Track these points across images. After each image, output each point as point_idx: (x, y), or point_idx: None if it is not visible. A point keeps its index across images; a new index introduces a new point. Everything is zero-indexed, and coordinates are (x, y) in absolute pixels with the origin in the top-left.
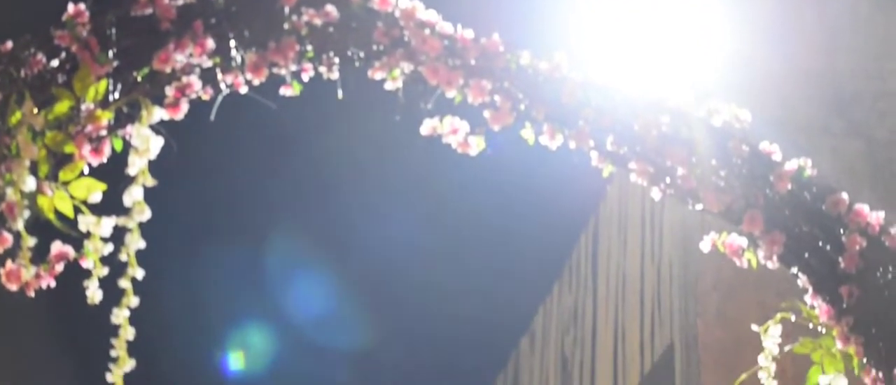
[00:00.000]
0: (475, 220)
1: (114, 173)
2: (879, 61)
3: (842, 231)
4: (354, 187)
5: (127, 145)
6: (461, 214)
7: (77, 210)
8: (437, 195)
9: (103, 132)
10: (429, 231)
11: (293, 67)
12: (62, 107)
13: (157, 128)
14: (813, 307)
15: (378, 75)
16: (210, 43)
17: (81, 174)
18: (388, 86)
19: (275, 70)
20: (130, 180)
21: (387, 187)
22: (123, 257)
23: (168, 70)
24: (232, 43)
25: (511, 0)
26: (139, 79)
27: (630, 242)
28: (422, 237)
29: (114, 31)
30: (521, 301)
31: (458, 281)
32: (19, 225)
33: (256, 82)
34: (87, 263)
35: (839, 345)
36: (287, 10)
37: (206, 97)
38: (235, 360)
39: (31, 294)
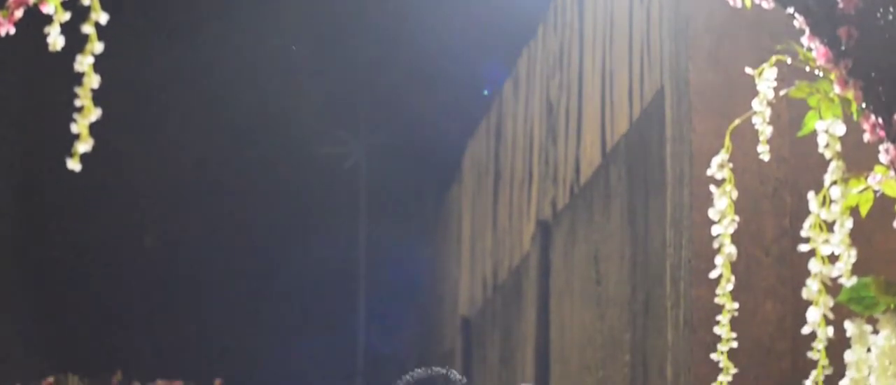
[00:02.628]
0: None
1: None
2: None
3: None
4: None
5: None
6: None
7: None
8: None
9: None
10: None
11: None
12: None
13: None
14: (809, 49)
15: None
16: None
17: None
18: None
19: None
20: None
21: None
22: (86, 1)
23: None
24: None
25: None
26: None
27: None
28: None
29: None
30: (504, 44)
31: (437, 24)
32: None
33: None
34: (47, 8)
35: (837, 89)
36: None
37: None
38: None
39: None
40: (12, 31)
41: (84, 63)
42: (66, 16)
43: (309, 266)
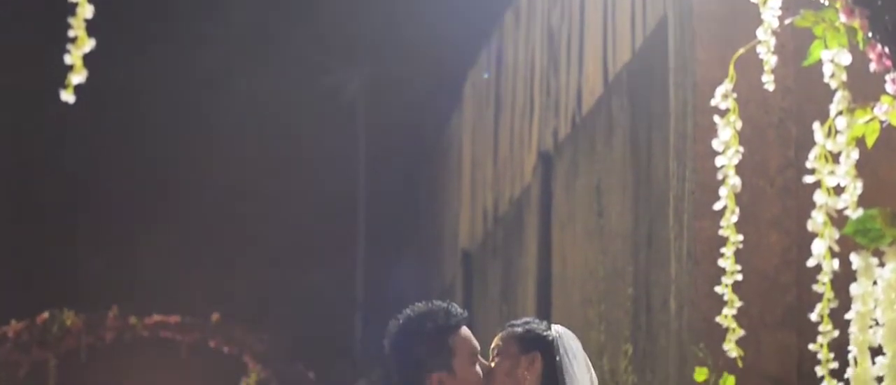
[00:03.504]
0: None
1: None
2: None
3: None
4: None
5: None
6: None
7: None
8: None
9: None
10: None
11: None
12: None
13: None
14: None
15: None
16: None
17: None
18: None
19: None
20: None
21: None
22: None
23: None
24: None
25: None
26: None
27: None
28: None
29: None
30: None
31: None
32: None
33: None
34: None
35: (843, 17)
36: None
37: None
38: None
39: None
40: None
41: None
42: None
43: (307, 198)
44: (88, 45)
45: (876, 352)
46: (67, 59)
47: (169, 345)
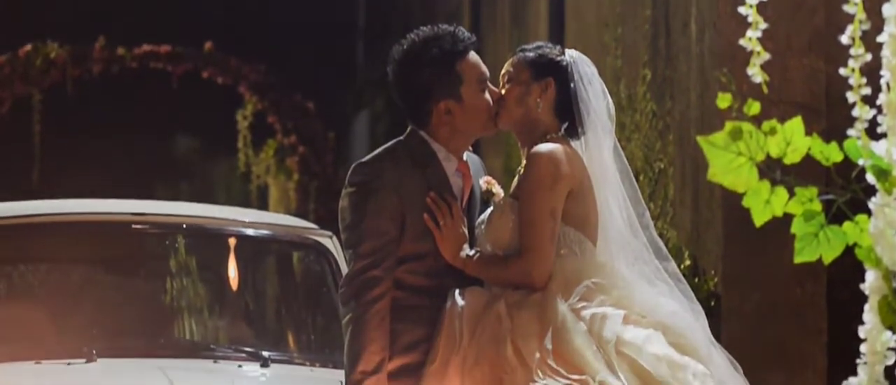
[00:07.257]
0: None
1: None
2: None
3: None
4: None
5: None
6: None
7: None
8: None
9: None
10: None
11: None
12: None
13: None
14: None
15: None
16: None
17: None
18: None
19: None
20: None
21: None
22: None
23: None
24: None
25: None
26: None
27: None
28: None
29: None
30: None
31: None
32: None
33: None
34: None
35: None
36: None
37: None
38: None
39: None
40: None
41: None
42: None
43: None
44: None
45: None
46: None
47: (159, 76)
